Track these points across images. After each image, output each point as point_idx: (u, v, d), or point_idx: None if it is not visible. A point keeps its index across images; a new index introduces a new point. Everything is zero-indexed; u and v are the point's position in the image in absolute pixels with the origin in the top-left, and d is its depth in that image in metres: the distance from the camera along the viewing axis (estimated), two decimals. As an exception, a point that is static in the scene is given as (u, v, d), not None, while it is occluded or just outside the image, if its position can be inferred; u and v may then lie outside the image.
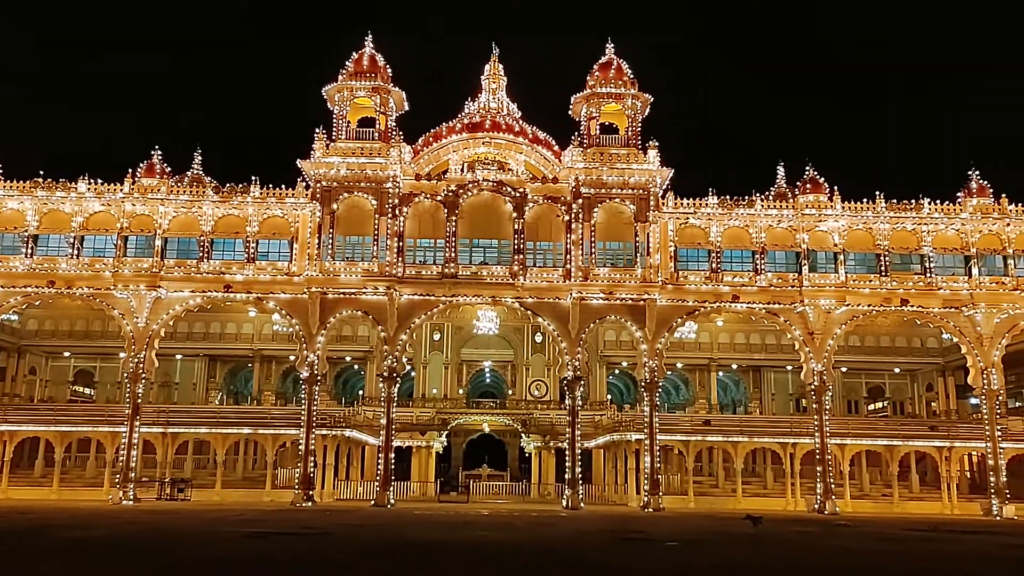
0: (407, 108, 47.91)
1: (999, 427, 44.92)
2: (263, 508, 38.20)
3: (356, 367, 61.91)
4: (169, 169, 47.55)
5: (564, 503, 43.37)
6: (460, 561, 17.71)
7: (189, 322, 54.93)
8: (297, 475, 43.20)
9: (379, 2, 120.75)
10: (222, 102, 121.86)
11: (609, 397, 59.62)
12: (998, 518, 42.58)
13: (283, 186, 45.68)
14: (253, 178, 45.60)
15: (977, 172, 47.07)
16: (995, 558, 20.67)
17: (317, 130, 45.40)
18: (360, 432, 48.94)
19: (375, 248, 44.55)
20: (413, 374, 58.10)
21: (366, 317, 45.34)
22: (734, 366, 61.30)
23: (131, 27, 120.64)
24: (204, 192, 46.00)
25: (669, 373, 57.29)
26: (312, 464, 43.44)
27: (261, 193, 45.38)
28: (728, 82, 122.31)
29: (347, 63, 46.84)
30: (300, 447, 43.41)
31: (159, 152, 46.63)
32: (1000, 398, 46.01)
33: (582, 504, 43.20)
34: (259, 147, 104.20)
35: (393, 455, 44.82)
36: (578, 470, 43.84)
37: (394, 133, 46.40)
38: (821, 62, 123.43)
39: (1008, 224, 45.58)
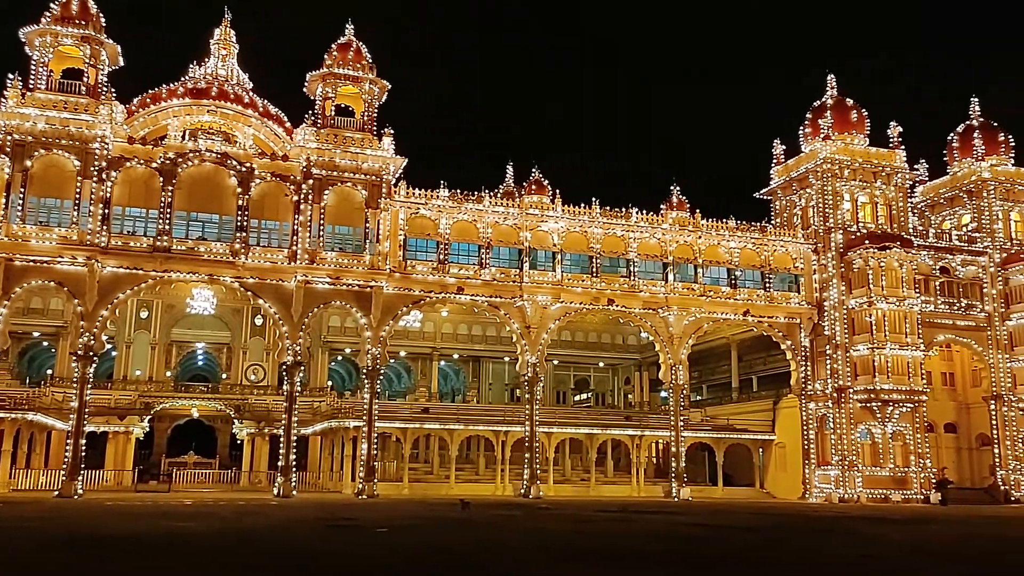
0: (122, 64, 43.85)
1: (682, 418, 50.25)
2: (-84, 502, 33.21)
3: (46, 344, 55.81)
4: None
5: (276, 491, 42.05)
6: (149, 555, 16.43)
7: None
8: (-36, 464, 38.06)
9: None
10: None
11: (331, 383, 58.71)
12: (676, 499, 47.55)
13: (-35, 134, 39.93)
14: (-76, 122, 39.42)
15: (678, 188, 52.16)
16: (665, 533, 23.13)
17: (11, 76, 40.24)
18: (46, 416, 44.18)
19: (75, 214, 40.35)
20: (114, 353, 53.35)
21: (60, 289, 40.94)
22: (456, 356, 63.19)
23: None
24: None
25: (392, 361, 57.71)
26: (-16, 452, 38.50)
27: (-66, 139, 39.36)
28: (476, 76, 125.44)
29: (53, 5, 41.89)
30: (-31, 432, 38.27)
31: None
32: (684, 392, 51.78)
33: (295, 492, 42.20)
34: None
35: (85, 441, 40.90)
36: (292, 457, 42.79)
37: (105, 89, 42.24)
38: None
39: (700, 237, 50.93)
